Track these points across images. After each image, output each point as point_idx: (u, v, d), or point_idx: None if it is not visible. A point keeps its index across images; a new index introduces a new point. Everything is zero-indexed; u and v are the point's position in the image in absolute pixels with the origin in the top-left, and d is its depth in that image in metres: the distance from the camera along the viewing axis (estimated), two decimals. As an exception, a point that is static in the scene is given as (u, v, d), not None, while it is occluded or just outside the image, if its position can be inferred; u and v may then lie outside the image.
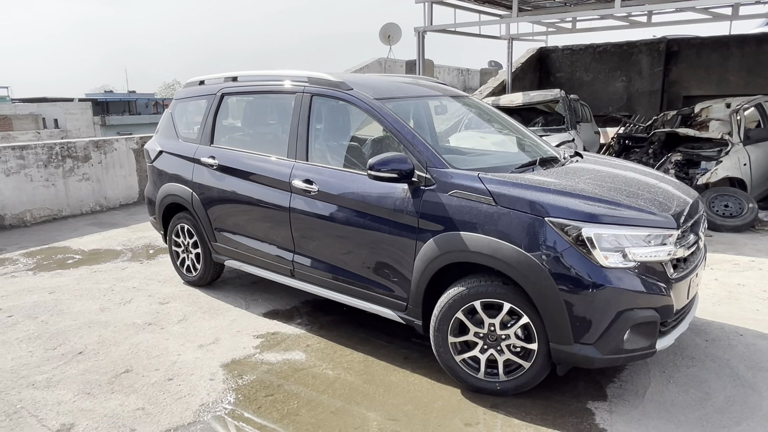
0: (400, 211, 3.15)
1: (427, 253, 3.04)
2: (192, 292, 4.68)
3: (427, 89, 4.19)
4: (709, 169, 6.83)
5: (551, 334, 2.73)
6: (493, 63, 22.57)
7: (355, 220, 3.38)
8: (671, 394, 2.98)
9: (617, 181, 3.11)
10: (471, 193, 2.91)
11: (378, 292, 3.39)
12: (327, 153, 3.81)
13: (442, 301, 3.01)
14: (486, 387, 2.98)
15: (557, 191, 2.80)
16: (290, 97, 3.90)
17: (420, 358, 3.44)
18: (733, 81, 11.46)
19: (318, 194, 3.55)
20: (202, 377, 3.24)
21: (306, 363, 3.40)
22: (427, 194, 3.06)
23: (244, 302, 4.45)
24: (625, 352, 2.68)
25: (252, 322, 4.06)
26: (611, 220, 2.66)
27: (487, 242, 2.81)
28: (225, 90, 4.43)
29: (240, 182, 4.10)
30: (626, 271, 2.63)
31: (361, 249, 3.40)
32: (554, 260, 2.65)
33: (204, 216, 4.42)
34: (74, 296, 4.62)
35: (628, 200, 2.82)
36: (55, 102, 42.69)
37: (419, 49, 8.88)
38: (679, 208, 2.92)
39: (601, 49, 12.76)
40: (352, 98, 3.53)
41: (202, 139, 4.50)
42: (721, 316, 3.99)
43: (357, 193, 3.36)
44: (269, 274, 4.11)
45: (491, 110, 4.44)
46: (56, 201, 7.60)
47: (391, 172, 3.05)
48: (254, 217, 4.06)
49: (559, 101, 7.88)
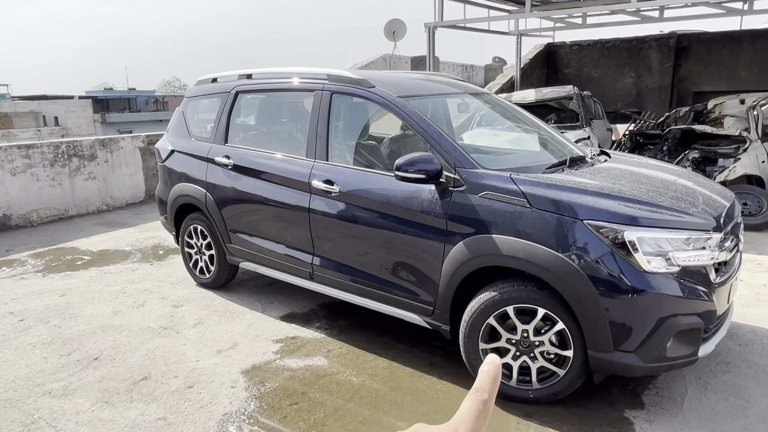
0: (427, 213, 3.04)
1: (457, 256, 2.93)
2: (206, 295, 4.58)
3: (447, 86, 4.07)
4: (726, 167, 6.71)
5: (589, 341, 2.62)
6: (497, 59, 22.44)
7: (378, 222, 3.27)
8: (710, 402, 2.88)
9: (653, 183, 3.00)
10: (503, 194, 2.81)
11: (402, 296, 3.29)
12: (348, 152, 3.71)
13: (473, 306, 2.90)
14: (518, 395, 2.88)
15: (595, 192, 2.69)
16: (309, 95, 3.79)
17: (446, 364, 3.34)
18: (745, 77, 11.33)
19: (339, 195, 3.44)
20: (223, 384, 3.14)
21: (329, 369, 3.30)
22: (455, 195, 2.96)
23: (260, 305, 4.35)
24: (667, 360, 2.58)
25: (269, 325, 3.96)
26: (653, 223, 2.55)
27: (522, 246, 2.70)
28: (239, 88, 4.32)
29: (256, 182, 3.99)
30: (668, 276, 2.53)
31: (385, 252, 3.30)
32: (593, 264, 2.55)
33: (218, 217, 4.32)
34: (86, 299, 4.52)
35: (670, 202, 2.71)
36: (55, 99, 42.56)
37: (429, 45, 8.75)
38: (719, 210, 2.82)
39: (610, 44, 12.63)
40: (375, 96, 3.42)
41: (216, 138, 4.39)
42: (751, 318, 3.89)
43: (381, 194, 3.25)
44: (287, 277, 4.01)
45: (512, 107, 4.32)
46: (62, 200, 7.50)
47: (418, 172, 2.95)
48: (271, 218, 3.95)
49: (573, 98, 7.76)
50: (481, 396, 0.43)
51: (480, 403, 0.42)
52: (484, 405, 0.42)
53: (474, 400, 0.42)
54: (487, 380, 0.43)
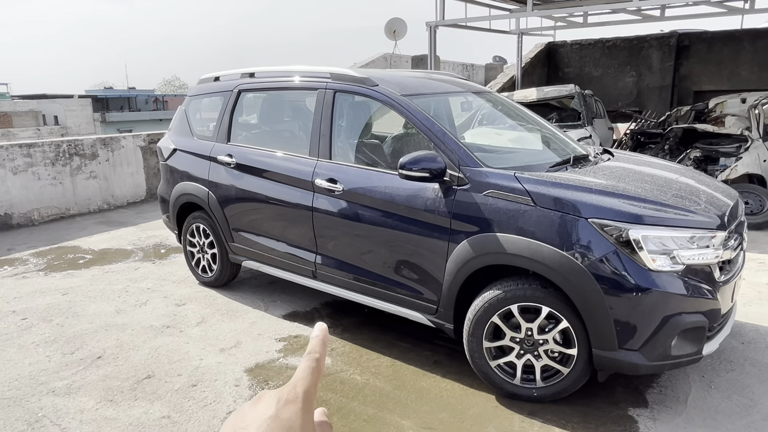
0: (431, 212, 3.04)
1: (461, 255, 2.93)
2: (208, 293, 4.58)
3: (450, 85, 4.07)
4: (728, 166, 6.72)
5: (594, 339, 2.63)
6: (498, 58, 22.41)
7: (382, 221, 3.27)
8: (714, 400, 2.89)
9: (657, 181, 3.00)
10: (508, 193, 2.81)
11: (406, 294, 3.29)
12: (351, 151, 3.71)
13: (477, 304, 2.91)
14: (522, 393, 2.88)
15: (599, 191, 2.70)
16: (312, 94, 3.79)
17: (449, 362, 3.34)
18: (745, 76, 11.32)
19: (343, 194, 3.44)
20: (227, 383, 3.14)
21: (332, 368, 3.30)
22: (459, 194, 2.96)
23: (263, 304, 4.35)
24: (672, 358, 2.58)
25: (272, 324, 3.96)
26: (658, 222, 2.55)
27: (527, 244, 2.71)
28: (242, 86, 4.32)
29: (259, 181, 3.99)
30: (673, 274, 2.53)
31: (388, 250, 3.30)
32: (598, 263, 2.55)
33: (221, 215, 4.32)
34: (88, 298, 4.52)
35: (674, 201, 2.71)
36: (54, 99, 42.54)
37: (431, 44, 8.75)
38: (723, 208, 2.82)
39: (611, 43, 12.62)
40: (378, 95, 3.42)
41: (219, 137, 4.39)
42: (753, 317, 3.89)
43: (385, 193, 3.25)
44: (290, 275, 4.01)
45: (515, 106, 4.33)
46: (64, 199, 7.49)
47: (422, 171, 2.95)
48: (274, 217, 3.95)
49: (575, 97, 7.76)
50: (314, 356, 0.51)
51: (313, 361, 0.51)
52: (317, 363, 0.51)
53: (308, 360, 0.51)
54: (318, 344, 0.53)
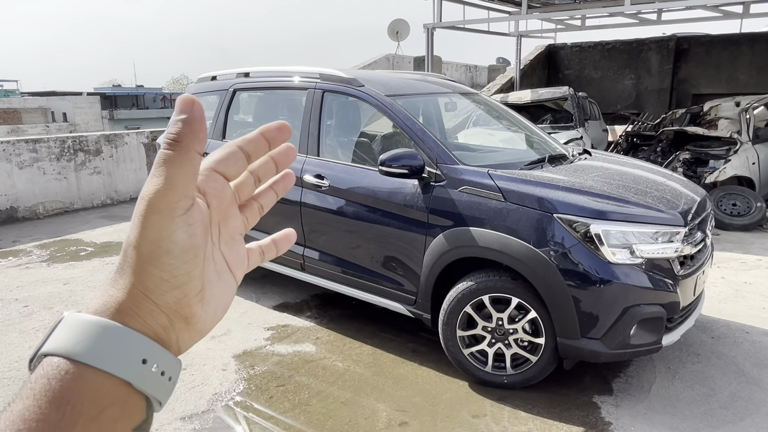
0: (410, 207, 3.19)
1: (437, 248, 3.08)
2: (203, 285, 4.74)
3: (436, 86, 4.22)
4: (717, 168, 6.83)
5: (559, 328, 2.77)
6: (501, 60, 22.53)
7: (365, 215, 3.43)
8: (676, 389, 3.02)
9: (625, 179, 3.14)
10: (480, 189, 2.96)
11: (387, 286, 3.45)
12: (338, 148, 3.86)
13: (451, 295, 3.05)
14: (493, 380, 3.03)
15: (566, 188, 2.84)
16: (302, 93, 3.95)
17: (428, 352, 3.49)
18: (743, 79, 11.40)
19: (329, 189, 3.60)
20: (215, 367, 3.31)
21: (316, 355, 3.46)
22: (437, 190, 3.11)
23: (255, 295, 4.52)
24: (631, 347, 2.72)
25: (262, 314, 4.12)
26: (619, 217, 2.69)
27: (496, 238, 2.85)
28: (237, 86, 4.49)
29: (251, 177, 4.15)
30: (633, 268, 2.67)
31: (371, 243, 3.45)
32: (562, 256, 2.69)
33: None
34: (88, 287, 4.70)
35: (636, 198, 2.85)
36: (63, 96, 42.94)
37: (428, 46, 8.90)
38: (687, 205, 2.96)
39: (610, 46, 12.72)
40: (363, 95, 3.57)
41: (214, 135, 4.56)
42: (727, 313, 4.02)
43: (367, 189, 3.40)
44: (280, 268, 4.17)
45: (500, 107, 4.47)
46: (68, 194, 7.70)
47: (402, 167, 3.10)
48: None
49: (568, 99, 7.89)
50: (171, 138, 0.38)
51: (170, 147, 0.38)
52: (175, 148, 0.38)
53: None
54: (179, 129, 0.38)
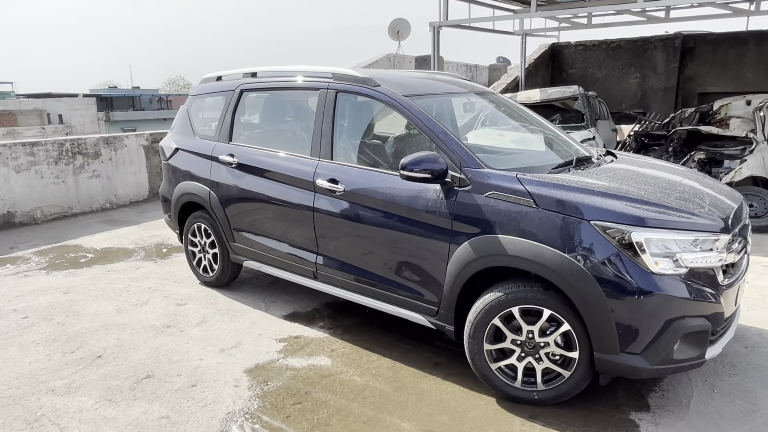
0: (432, 213, 3.03)
1: (462, 256, 2.92)
2: (209, 293, 4.57)
3: (453, 86, 4.06)
4: (732, 168, 6.68)
5: (595, 342, 2.60)
6: (501, 59, 22.40)
7: (383, 222, 3.26)
8: (717, 404, 2.86)
9: (661, 183, 2.98)
10: (509, 194, 2.79)
11: (407, 296, 3.28)
12: (352, 151, 3.69)
13: (478, 306, 2.89)
14: (523, 396, 2.86)
15: (602, 193, 2.67)
16: (314, 94, 3.78)
17: (450, 364, 3.32)
18: (750, 78, 11.28)
19: (344, 194, 3.43)
20: (227, 383, 3.13)
21: (332, 369, 3.29)
22: (461, 195, 2.94)
23: (263, 304, 4.34)
24: (674, 362, 2.56)
25: (273, 324, 3.95)
26: (661, 224, 2.53)
27: (528, 246, 2.69)
28: (244, 86, 4.31)
29: (260, 181, 3.98)
30: (676, 278, 2.50)
31: (389, 251, 3.28)
32: (599, 265, 2.53)
33: (222, 215, 4.31)
34: (89, 297, 4.52)
35: (677, 203, 2.69)
36: (59, 97, 42.69)
37: (434, 45, 8.74)
38: (727, 211, 2.79)
39: (615, 45, 12.58)
40: (380, 95, 3.40)
41: (220, 137, 4.38)
42: (757, 321, 3.86)
43: (386, 194, 3.23)
44: (291, 276, 4.00)
45: (517, 107, 4.30)
46: (66, 198, 7.51)
47: (424, 172, 2.93)
48: (275, 217, 3.95)
49: (578, 98, 7.73)
50: None
51: None
52: None
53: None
54: None
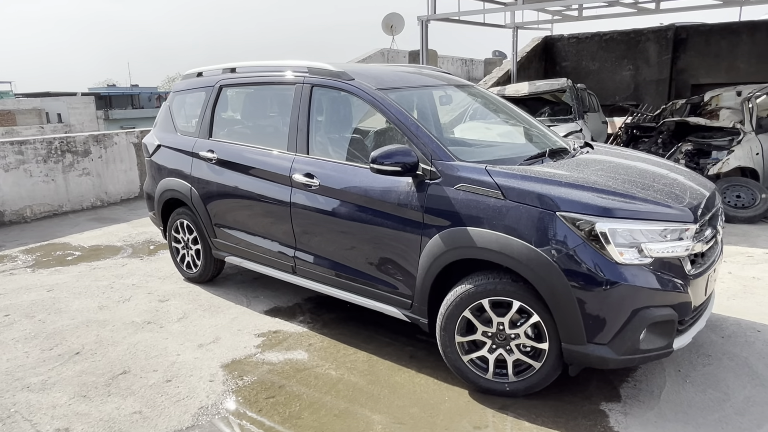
0: (404, 206, 3.03)
1: (433, 249, 2.92)
2: (192, 289, 4.58)
3: (431, 78, 4.05)
4: (720, 159, 6.67)
5: (563, 333, 2.61)
6: (498, 53, 22.31)
7: (357, 215, 3.26)
8: (688, 394, 2.87)
9: (631, 173, 2.98)
10: (478, 186, 2.79)
11: (382, 289, 3.28)
12: (328, 146, 3.69)
13: (449, 299, 2.89)
14: (495, 388, 2.87)
15: (568, 184, 2.67)
16: (290, 89, 3.77)
17: (426, 357, 3.33)
18: (743, 69, 11.23)
19: (319, 188, 3.43)
20: (202, 378, 3.15)
21: (308, 363, 3.30)
22: (432, 188, 2.94)
23: (246, 299, 4.35)
24: (641, 352, 2.56)
25: (253, 320, 3.96)
26: (626, 214, 2.53)
27: (496, 238, 2.69)
28: (223, 81, 4.31)
29: (239, 176, 3.99)
30: (642, 268, 2.50)
31: (364, 245, 3.29)
32: (566, 256, 2.53)
33: (203, 211, 4.32)
34: (73, 294, 4.53)
35: (643, 193, 2.69)
36: (58, 96, 42.69)
37: (423, 39, 8.71)
38: (697, 200, 2.79)
39: (608, 37, 12.54)
40: (353, 88, 3.40)
41: (201, 133, 4.39)
42: (736, 311, 3.86)
43: (359, 187, 3.24)
44: (270, 271, 4.00)
45: (497, 100, 4.29)
46: (56, 196, 7.52)
47: (395, 165, 2.93)
48: (254, 213, 3.95)
49: (566, 91, 7.72)
50: None
51: None
52: None
53: None
54: None
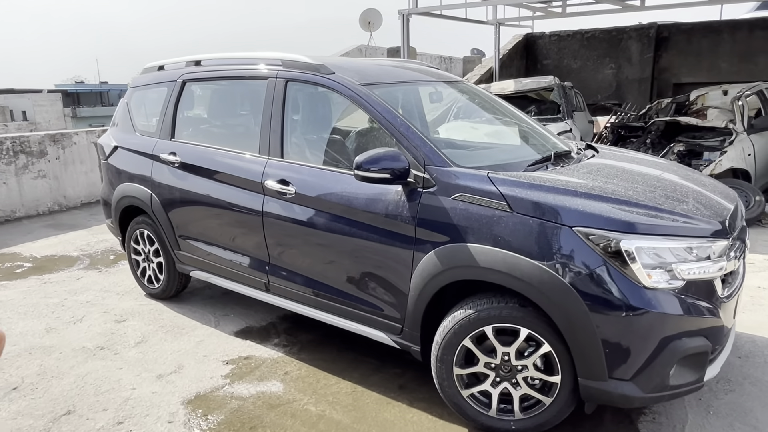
0: (393, 218, 2.64)
1: (428, 268, 2.54)
2: (154, 307, 4.12)
3: (418, 74, 3.67)
4: (712, 160, 6.44)
5: (580, 367, 2.26)
6: (476, 51, 22.09)
7: (339, 228, 2.87)
8: (714, 428, 2.55)
9: (649, 181, 2.64)
10: (480, 196, 2.42)
11: (367, 311, 2.89)
12: (305, 148, 3.29)
13: (446, 326, 2.52)
14: (499, 426, 2.51)
15: (585, 194, 2.32)
16: (262, 84, 3.35)
17: (417, 387, 2.95)
18: (725, 68, 11.14)
19: (295, 197, 3.03)
20: (160, 419, 2.71)
21: (284, 396, 2.89)
22: (425, 197, 2.56)
23: (214, 318, 3.91)
24: (670, 388, 2.23)
25: (222, 343, 3.52)
26: (654, 230, 2.19)
27: (502, 257, 2.32)
28: (187, 76, 3.86)
29: (205, 182, 3.55)
30: (672, 292, 2.17)
31: (346, 261, 2.89)
32: (584, 279, 2.18)
33: (165, 220, 3.86)
34: (18, 314, 4.03)
35: (669, 204, 2.35)
36: (23, 93, 41.16)
37: (404, 33, 8.34)
38: (725, 212, 2.47)
39: (590, 35, 12.35)
40: (333, 84, 3.00)
41: (162, 133, 3.93)
42: (748, 326, 3.58)
43: (341, 196, 2.84)
44: (241, 288, 3.58)
45: (491, 97, 3.94)
46: (8, 201, 6.92)
47: (383, 171, 2.54)
48: (222, 223, 3.52)
49: (554, 89, 7.43)
50: None
51: None
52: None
53: None
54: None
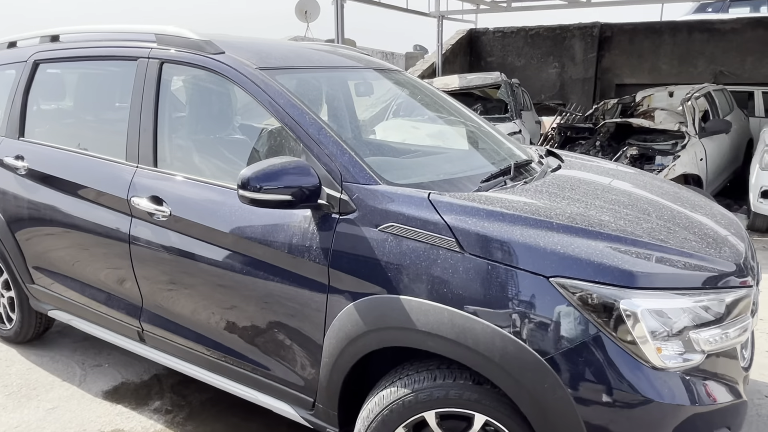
0: (299, 255, 1.89)
1: (345, 327, 1.80)
2: (5, 355, 3.17)
3: (343, 59, 2.92)
4: (665, 165, 6.07)
5: (560, 475, 1.59)
6: (419, 47, 21.63)
7: (228, 265, 2.08)
8: None
9: (640, 205, 2.01)
10: (418, 228, 1.70)
11: (267, 376, 2.13)
12: (187, 154, 2.47)
13: (371, 409, 1.79)
14: None
15: (565, 227, 1.64)
16: (131, 66, 2.49)
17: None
18: (665, 69, 11.08)
19: (170, 220, 2.21)
20: None
21: (150, 501, 2.08)
22: (342, 227, 1.82)
23: (80, 370, 3.02)
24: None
25: (83, 410, 2.65)
26: (664, 281, 1.54)
27: (449, 317, 1.61)
28: (39, 56, 2.93)
29: (60, 197, 2.66)
30: (688, 372, 1.53)
31: (239, 311, 2.11)
32: (568, 354, 1.50)
33: (12, 245, 2.94)
34: None
35: (674, 240, 1.72)
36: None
37: (337, 22, 7.58)
38: (740, 249, 1.87)
39: (534, 32, 12.02)
40: (221, 66, 2.19)
41: (8, 130, 2.99)
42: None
43: (231, 222, 2.05)
44: (109, 335, 2.71)
45: (433, 91, 3.24)
46: None
47: (282, 191, 1.78)
48: (82, 250, 2.64)
49: (501, 86, 6.90)
50: None
51: None
52: None
53: None
54: None
